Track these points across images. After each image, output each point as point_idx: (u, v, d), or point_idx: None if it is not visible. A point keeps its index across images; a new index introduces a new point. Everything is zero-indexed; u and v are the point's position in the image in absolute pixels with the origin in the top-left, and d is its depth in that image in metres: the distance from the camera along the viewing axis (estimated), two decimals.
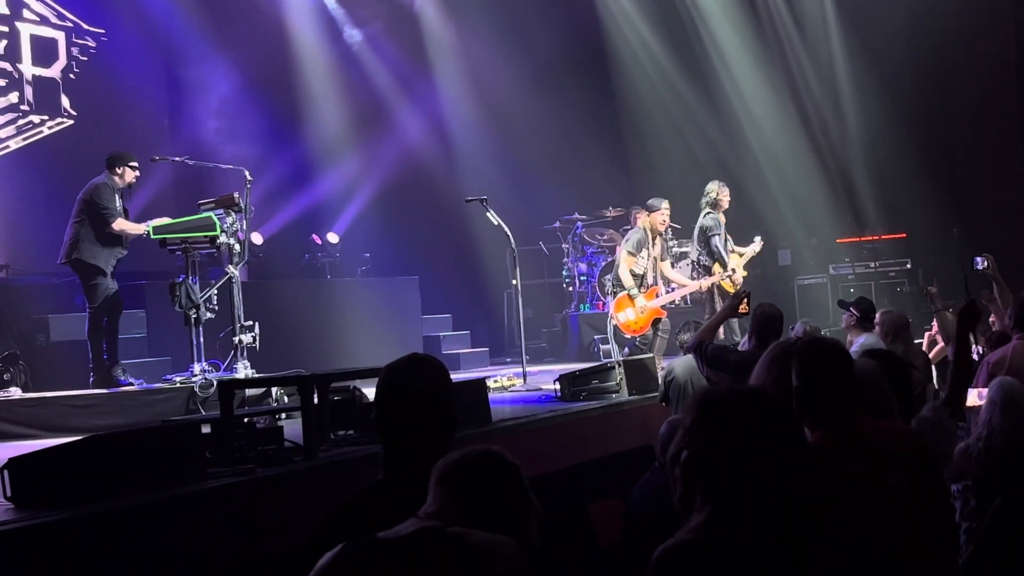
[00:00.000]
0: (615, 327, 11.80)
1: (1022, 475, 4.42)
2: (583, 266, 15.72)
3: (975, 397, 5.69)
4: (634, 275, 11.65)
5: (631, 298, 11.59)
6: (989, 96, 16.99)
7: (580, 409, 8.82)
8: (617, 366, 9.51)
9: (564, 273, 16.05)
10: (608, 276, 14.43)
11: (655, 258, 11.81)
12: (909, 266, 16.07)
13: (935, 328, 10.34)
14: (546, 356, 15.58)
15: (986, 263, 8.19)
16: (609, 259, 15.14)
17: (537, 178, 16.92)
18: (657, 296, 11.74)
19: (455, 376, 12.17)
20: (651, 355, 10.79)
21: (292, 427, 7.08)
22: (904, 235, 16.57)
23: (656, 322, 11.66)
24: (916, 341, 10.46)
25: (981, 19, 16.76)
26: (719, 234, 11.79)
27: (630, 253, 11.63)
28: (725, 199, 12.08)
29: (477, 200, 11.20)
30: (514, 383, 10.84)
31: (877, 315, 8.60)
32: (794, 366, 3.95)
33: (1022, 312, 6.84)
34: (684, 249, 15.49)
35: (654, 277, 11.81)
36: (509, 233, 10.94)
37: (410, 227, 16.67)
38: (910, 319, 9.88)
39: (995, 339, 7.47)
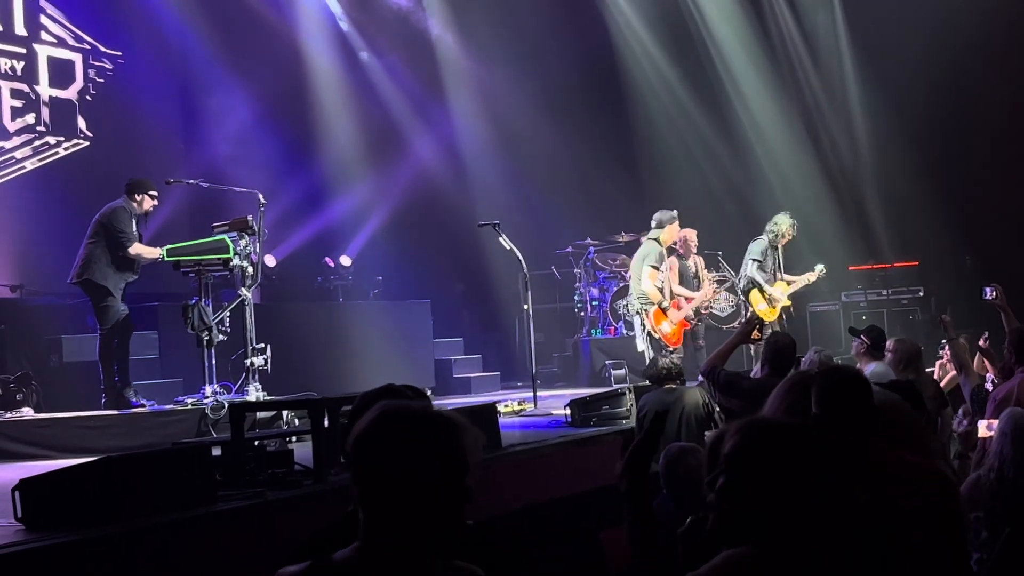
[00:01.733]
0: (653, 339, 11.76)
1: None
2: (595, 291, 15.72)
3: (984, 428, 5.67)
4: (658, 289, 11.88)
5: (663, 311, 11.76)
6: (1005, 123, 16.95)
7: (590, 435, 8.82)
8: (628, 392, 9.51)
9: (576, 298, 16.05)
10: (620, 301, 14.46)
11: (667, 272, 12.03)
12: (922, 294, 16.05)
13: (947, 356, 10.32)
14: (557, 381, 15.57)
15: (994, 293, 8.17)
16: (621, 284, 15.15)
17: (549, 203, 16.94)
18: (679, 308, 11.95)
19: (466, 400, 12.14)
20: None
21: (303, 450, 7.09)
22: (917, 263, 16.56)
23: (688, 335, 11.87)
24: (928, 369, 10.45)
25: (999, 46, 16.74)
26: (759, 260, 11.88)
27: (654, 267, 11.76)
28: (788, 234, 12.17)
29: (490, 225, 11.23)
30: (525, 407, 10.85)
31: (889, 343, 8.58)
32: (814, 393, 3.96)
33: (1022, 344, 6.80)
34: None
35: (667, 291, 11.98)
36: (521, 258, 10.96)
37: (423, 251, 16.69)
38: (922, 347, 9.86)
39: (1004, 372, 7.45)
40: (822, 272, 12.62)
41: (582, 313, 15.88)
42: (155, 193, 10.26)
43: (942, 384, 9.66)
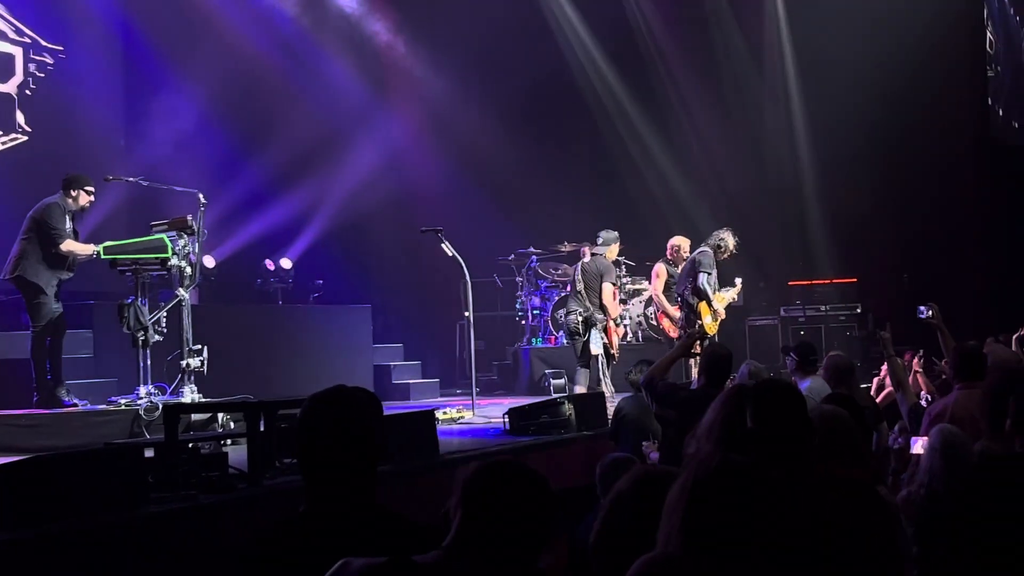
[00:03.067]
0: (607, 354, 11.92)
1: (963, 521, 4.46)
2: (536, 300, 15.74)
3: (918, 446, 5.73)
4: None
5: (616, 325, 12.07)
6: (944, 142, 17.22)
7: (528, 443, 8.81)
8: (566, 402, 9.52)
9: (517, 306, 16.07)
10: (561, 311, 14.52)
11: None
12: (859, 310, 16.22)
13: (884, 372, 10.45)
14: (497, 389, 15.55)
15: (930, 312, 8.24)
16: (562, 294, 15.19)
17: (493, 211, 16.95)
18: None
19: (404, 406, 12.07)
20: (601, 391, 10.87)
21: (238, 453, 7.02)
22: (855, 280, 16.72)
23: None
24: (864, 386, 10.57)
25: (941, 68, 17.02)
26: (709, 272, 11.97)
27: (613, 283, 12.05)
28: (730, 249, 12.29)
29: (432, 231, 11.22)
30: (463, 415, 10.83)
31: (825, 358, 8.67)
32: (749, 407, 3.98)
33: (962, 363, 6.87)
34: (639, 286, 15.57)
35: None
36: (463, 265, 10.96)
37: (364, 255, 16.62)
38: (858, 363, 9.98)
39: (941, 390, 7.54)
40: (739, 288, 12.72)
41: (523, 322, 15.89)
42: (91, 189, 10.11)
43: (878, 400, 9.77)
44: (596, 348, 11.74)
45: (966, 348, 7.12)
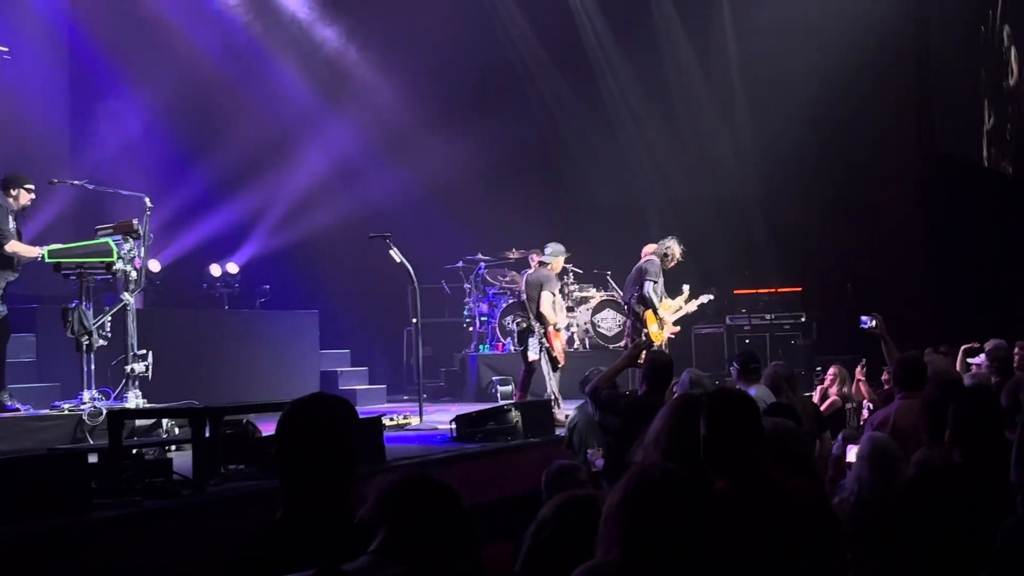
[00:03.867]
0: (550, 356, 11.94)
1: (900, 530, 4.53)
2: (484, 307, 15.75)
3: (854, 454, 5.81)
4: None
5: (556, 331, 12.02)
6: (887, 155, 17.45)
7: (475, 451, 8.83)
8: (513, 409, 9.54)
9: (465, 313, 16.07)
10: (508, 318, 14.53)
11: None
12: (803, 319, 16.35)
13: (828, 380, 10.57)
14: (444, 396, 15.56)
15: (874, 322, 8.34)
16: (511, 300, 15.21)
17: (442, 217, 16.94)
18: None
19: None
20: (548, 399, 10.89)
21: (182, 460, 6.97)
22: (800, 288, 16.87)
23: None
24: (807, 394, 10.68)
25: (881, 77, 17.26)
26: (655, 281, 12.01)
27: (552, 293, 12.02)
28: (676, 257, 12.33)
29: (380, 237, 11.19)
30: (410, 421, 10.82)
31: (769, 367, 8.76)
32: (702, 416, 4.02)
33: (904, 372, 6.94)
34: (586, 294, 15.64)
35: None
36: (411, 271, 10.95)
37: (312, 260, 16.54)
38: (802, 371, 10.07)
39: (882, 398, 7.63)
40: (687, 294, 12.76)
41: (471, 328, 15.90)
42: (31, 187, 9.97)
43: (823, 408, 9.88)
44: (533, 354, 11.78)
45: (907, 358, 7.22)
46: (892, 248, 17.27)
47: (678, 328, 12.70)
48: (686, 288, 12.77)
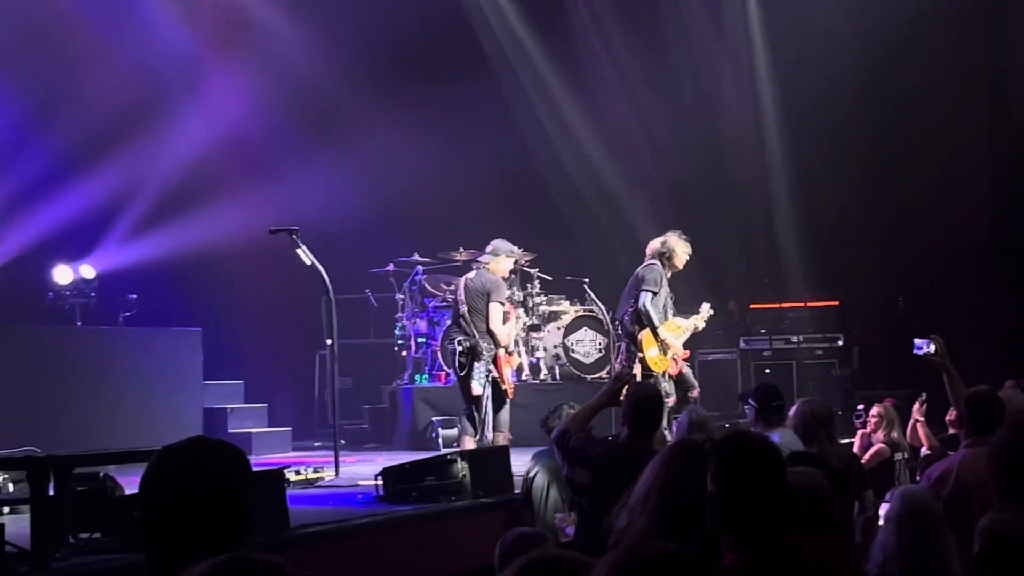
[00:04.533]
0: (497, 387, 12.03)
1: None
2: (422, 324, 15.69)
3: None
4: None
5: (508, 355, 12.11)
6: (950, 132, 17.49)
7: (409, 514, 8.79)
8: (459, 459, 9.51)
9: (397, 332, 16.01)
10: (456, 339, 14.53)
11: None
12: (841, 343, 16.40)
13: (872, 423, 10.61)
14: (368, 441, 15.52)
15: (932, 347, 8.33)
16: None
17: (366, 205, 16.90)
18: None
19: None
20: (505, 446, 10.88)
21: (18, 525, 6.90)
22: (837, 302, 16.93)
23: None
24: (845, 441, 10.71)
25: (944, 31, 17.30)
26: (655, 292, 12.04)
27: (501, 303, 12.09)
28: (682, 256, 12.39)
29: (285, 231, 11.14)
30: (323, 476, 10.76)
31: (796, 406, 8.76)
32: (711, 467, 4.01)
33: (973, 412, 6.95)
34: (556, 308, 15.65)
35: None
36: (325, 276, 10.90)
37: (193, 262, 16.43)
38: (839, 411, 10.10)
39: (943, 445, 7.67)
40: (709, 314, 12.86)
41: (404, 353, 15.84)
42: None
43: (865, 459, 9.91)
44: (478, 387, 11.78)
45: (978, 394, 7.23)
46: (957, 251, 17.33)
47: (687, 353, 12.76)
48: (705, 307, 12.78)
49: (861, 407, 11.74)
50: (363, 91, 17.14)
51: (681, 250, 12.44)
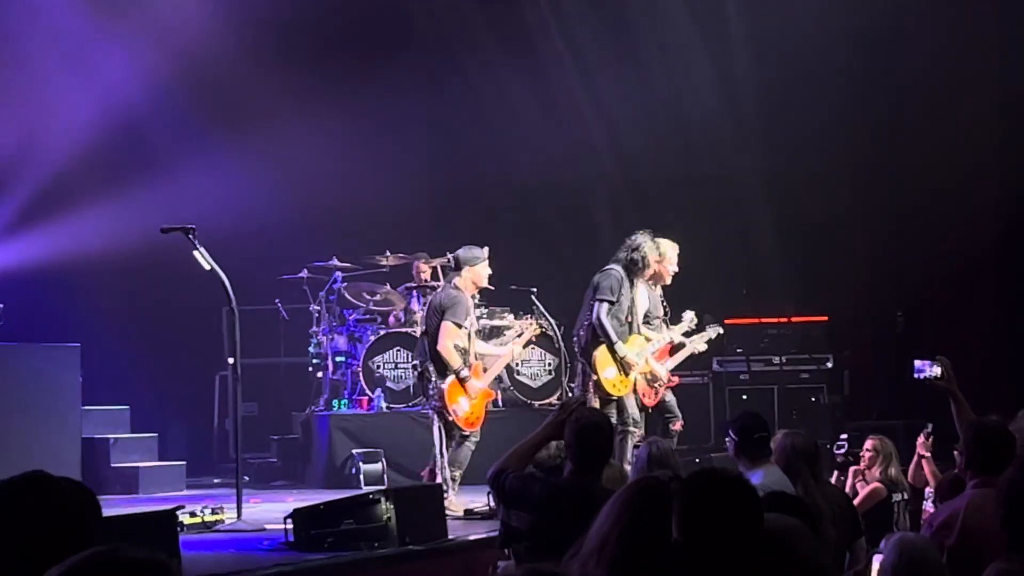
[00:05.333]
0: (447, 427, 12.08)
1: None
2: (341, 340, 15.66)
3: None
4: (457, 349, 12.12)
5: (462, 382, 12.04)
6: (959, 118, 17.50)
7: (324, 563, 8.77)
8: (383, 499, 9.49)
9: (311, 350, 15.97)
10: (378, 358, 14.50)
11: (472, 326, 12.47)
12: (830, 364, 16.46)
13: (865, 458, 10.64)
14: (276, 478, 15.49)
15: (938, 370, 8.34)
16: (382, 331, 15.16)
17: (274, 200, 16.86)
18: (484, 371, 12.46)
19: (130, 503, 11.86)
20: (438, 484, 10.89)
21: None
22: (825, 318, 16.99)
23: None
24: (838, 478, 10.74)
25: (954, 54, 17.26)
26: (612, 301, 12.08)
27: (456, 323, 12.06)
28: (658, 265, 12.56)
29: (179, 230, 11.09)
30: (223, 518, 10.73)
31: (776, 437, 8.76)
32: (676, 510, 4.00)
33: (978, 447, 6.94)
34: (499, 322, 15.64)
35: (472, 351, 12.43)
36: (227, 283, 10.85)
37: (70, 266, 16.33)
38: (827, 444, 10.12)
39: (946, 486, 7.66)
40: (713, 332, 12.92)
41: (320, 374, 15.80)
42: None
43: (857, 501, 9.94)
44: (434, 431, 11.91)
45: (985, 426, 7.25)
46: (963, 260, 17.37)
47: (676, 380, 12.84)
48: (688, 315, 12.83)
49: (845, 437, 11.75)
50: (274, 71, 17.09)
51: (653, 256, 12.49)
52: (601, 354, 12.07)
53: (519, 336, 13.11)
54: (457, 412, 11.98)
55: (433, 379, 11.93)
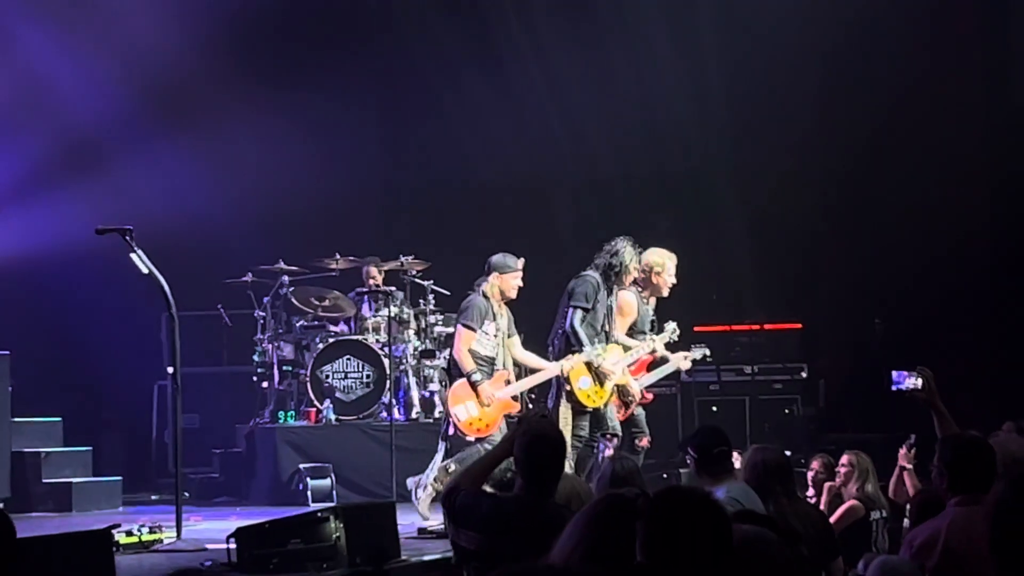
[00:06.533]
0: (451, 429, 12.19)
1: None
2: (288, 348, 15.63)
3: None
4: (477, 356, 12.24)
5: (473, 385, 12.08)
6: (941, 112, 17.52)
7: None
8: (333, 518, 9.47)
9: (256, 358, 15.92)
10: (329, 367, 14.49)
11: (503, 334, 12.49)
12: (805, 374, 16.49)
13: (841, 474, 10.65)
14: (219, 494, 15.45)
15: (919, 380, 8.35)
16: (332, 339, 15.13)
17: (220, 202, 16.83)
18: (508, 383, 12.40)
19: (64, 523, 11.87)
20: (390, 501, 10.89)
21: None
22: (799, 325, 17.02)
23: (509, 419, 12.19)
24: (811, 495, 10.76)
25: (938, 48, 17.31)
26: (587, 308, 12.13)
27: (467, 327, 12.23)
28: (633, 269, 12.60)
29: (116, 231, 11.06)
30: (162, 537, 10.69)
31: (748, 453, 8.76)
32: (640, 530, 4.00)
33: (957, 462, 6.96)
34: (453, 329, 15.63)
35: (502, 359, 12.50)
36: (166, 287, 10.83)
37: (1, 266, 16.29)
38: (802, 459, 10.12)
39: (919, 505, 7.67)
40: (674, 334, 12.96)
41: (265, 384, 15.76)
42: None
43: (833, 519, 9.95)
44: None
45: (965, 441, 7.27)
46: (946, 265, 17.40)
47: (650, 397, 12.91)
48: (670, 326, 12.87)
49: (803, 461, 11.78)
50: (218, 64, 17.04)
51: (633, 263, 12.57)
52: (574, 364, 12.11)
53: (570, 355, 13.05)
54: (458, 416, 12.11)
55: (441, 388, 12.08)
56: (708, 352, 13.46)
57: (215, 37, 17.11)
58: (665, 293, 12.91)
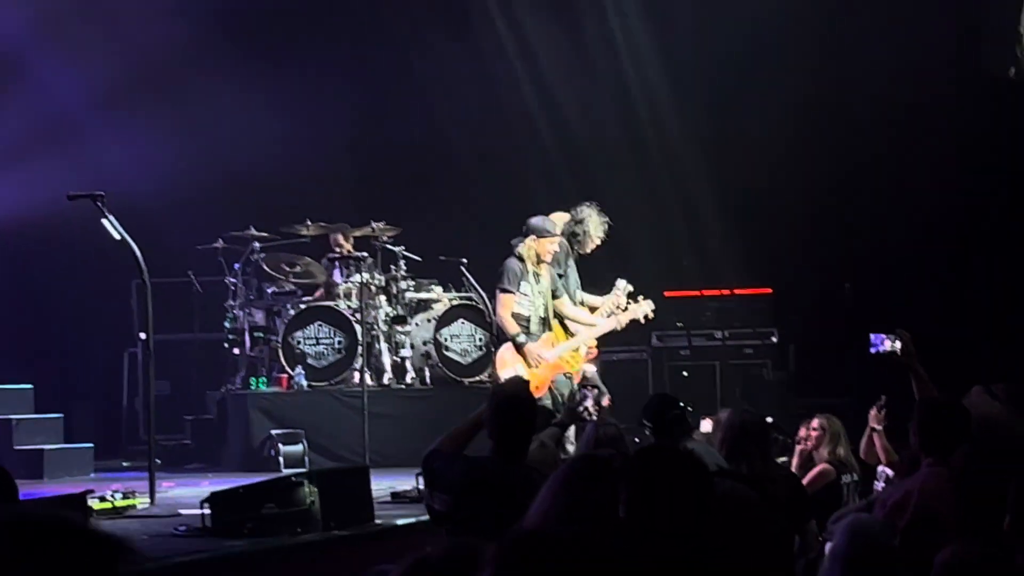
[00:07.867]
0: None
1: None
2: (259, 315, 15.61)
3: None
4: (518, 318, 12.45)
5: (519, 347, 12.29)
6: (913, 72, 17.47)
7: (244, 550, 8.75)
8: (306, 482, 9.48)
9: (227, 325, 15.88)
10: (300, 332, 14.47)
11: (545, 293, 12.65)
12: (775, 339, 16.52)
13: (813, 438, 10.68)
14: (191, 461, 15.43)
15: (897, 343, 8.38)
16: (303, 305, 15.11)
17: (191, 168, 16.78)
18: (555, 346, 12.60)
19: (37, 489, 11.86)
20: (364, 465, 10.89)
21: None
22: (769, 290, 17.04)
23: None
24: (782, 459, 10.79)
25: (910, 6, 17.30)
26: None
27: (505, 291, 12.41)
28: (596, 238, 12.73)
29: (87, 197, 11.03)
30: (135, 503, 10.68)
31: (723, 417, 8.77)
32: (622, 488, 4.01)
33: (932, 425, 7.00)
34: (426, 295, 15.62)
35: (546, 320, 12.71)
36: (138, 253, 10.80)
37: None
38: (773, 420, 10.13)
39: (906, 463, 7.70)
40: (627, 291, 12.96)
41: (236, 350, 15.74)
42: None
43: (806, 481, 9.99)
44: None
45: (939, 404, 7.31)
46: (918, 226, 17.40)
47: (595, 351, 12.92)
48: (621, 283, 12.89)
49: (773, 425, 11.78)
50: (186, 31, 16.97)
51: (596, 228, 12.66)
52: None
53: (623, 311, 13.04)
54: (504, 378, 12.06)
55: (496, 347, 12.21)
56: (652, 308, 13.37)
57: (184, 5, 17.08)
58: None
